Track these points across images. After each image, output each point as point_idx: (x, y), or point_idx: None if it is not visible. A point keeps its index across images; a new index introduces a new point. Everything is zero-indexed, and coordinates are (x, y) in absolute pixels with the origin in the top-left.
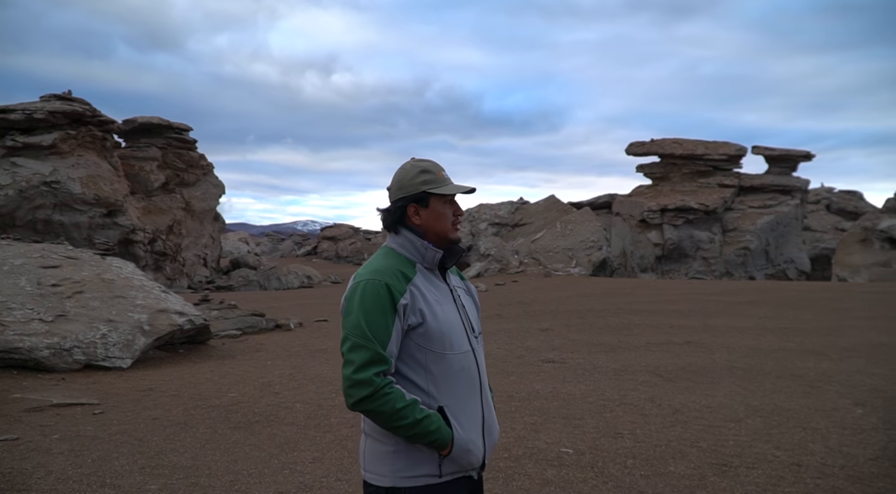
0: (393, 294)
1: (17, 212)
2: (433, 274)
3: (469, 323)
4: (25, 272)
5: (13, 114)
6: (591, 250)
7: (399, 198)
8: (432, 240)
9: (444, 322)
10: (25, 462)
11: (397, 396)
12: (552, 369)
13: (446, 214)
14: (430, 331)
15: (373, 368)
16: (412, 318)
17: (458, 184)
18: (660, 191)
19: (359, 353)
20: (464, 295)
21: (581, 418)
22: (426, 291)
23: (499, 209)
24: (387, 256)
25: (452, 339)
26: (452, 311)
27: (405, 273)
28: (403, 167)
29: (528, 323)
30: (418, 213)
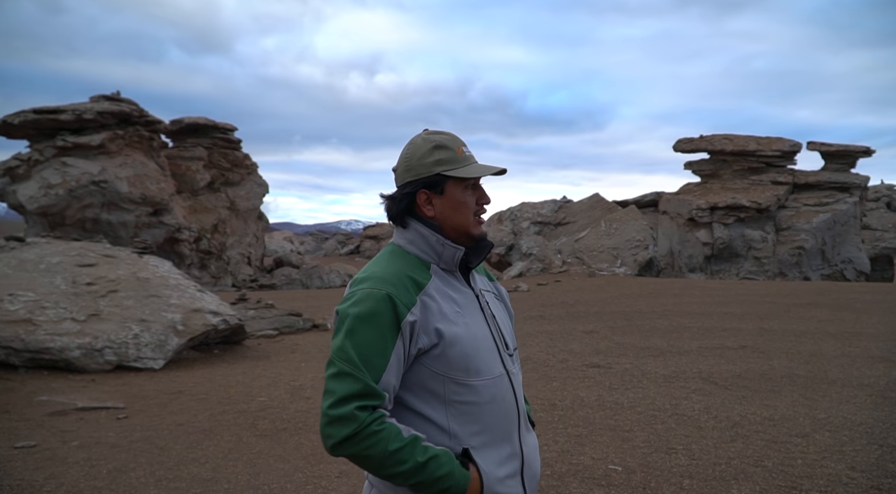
0: (397, 308)
1: (67, 210)
2: (453, 276)
3: (502, 338)
4: (61, 270)
5: (63, 115)
6: (637, 249)
7: (407, 183)
8: (450, 235)
9: (469, 340)
10: (38, 472)
11: (390, 434)
12: (597, 374)
13: (467, 203)
14: (449, 354)
15: (357, 402)
16: (423, 339)
17: (484, 164)
18: (709, 188)
19: (342, 383)
20: (493, 301)
21: (630, 430)
22: (444, 301)
23: (541, 207)
24: (393, 257)
25: (480, 362)
26: (480, 324)
27: (416, 279)
28: (413, 142)
29: (572, 325)
30: (431, 202)
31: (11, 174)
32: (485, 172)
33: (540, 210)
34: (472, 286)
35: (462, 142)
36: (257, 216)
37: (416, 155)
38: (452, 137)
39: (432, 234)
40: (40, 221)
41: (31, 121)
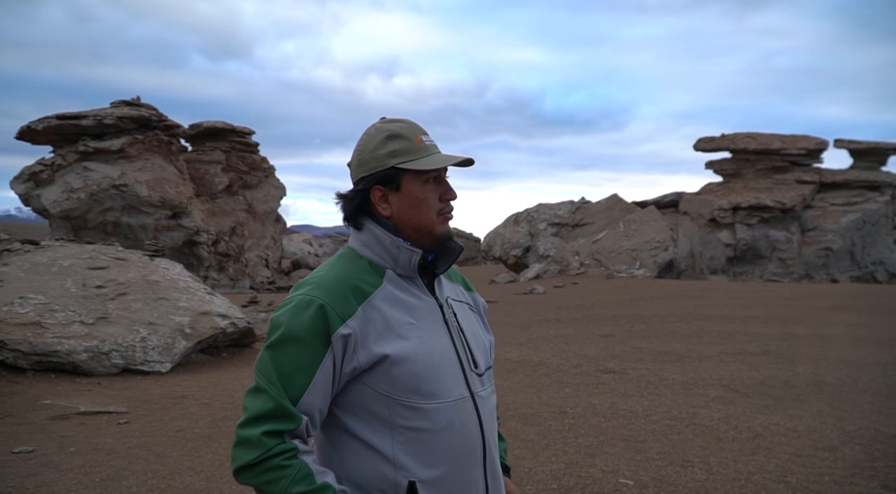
0: (328, 319)
1: (89, 214)
2: (413, 283)
3: (469, 354)
4: (73, 273)
5: (85, 120)
6: (657, 251)
7: (360, 179)
8: (410, 236)
9: (422, 356)
10: (31, 479)
11: (296, 475)
12: (612, 380)
13: (427, 199)
14: (395, 372)
15: (266, 425)
16: (362, 356)
17: (447, 154)
18: (731, 188)
19: (256, 400)
20: (465, 312)
21: (644, 440)
22: (394, 312)
23: (559, 208)
24: (342, 261)
25: (435, 382)
26: (439, 339)
27: (360, 286)
28: (366, 132)
29: (588, 329)
30: (387, 200)
31: (36, 179)
32: (445, 163)
33: (557, 211)
34: (437, 295)
35: (422, 130)
36: (275, 218)
37: (368, 147)
38: (410, 125)
39: (387, 235)
40: (63, 225)
41: (54, 126)
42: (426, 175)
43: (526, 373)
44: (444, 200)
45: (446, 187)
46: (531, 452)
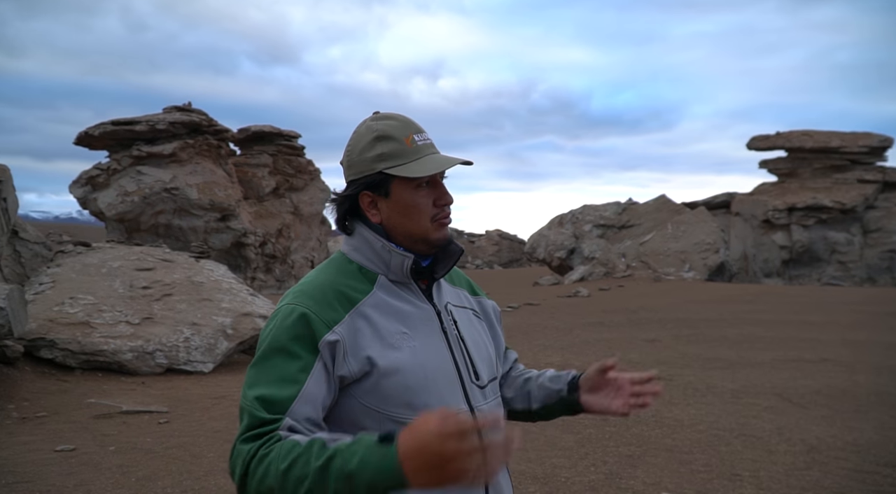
0: (313, 327)
1: (142, 216)
2: (407, 289)
3: (469, 366)
4: (121, 274)
5: (138, 126)
6: (707, 253)
7: (349, 183)
8: (403, 243)
9: (415, 368)
10: (70, 477)
11: (280, 451)
12: None
13: (419, 206)
14: (385, 386)
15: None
16: (351, 365)
17: (443, 155)
18: (787, 188)
19: (243, 418)
20: (468, 319)
21: (689, 451)
22: (384, 320)
23: (604, 210)
24: (330, 266)
25: (429, 395)
26: (436, 349)
27: (347, 293)
28: (356, 130)
29: (633, 333)
30: (376, 206)
31: (93, 183)
32: (436, 169)
33: (603, 212)
34: (435, 302)
35: (415, 127)
36: (320, 221)
37: (356, 148)
38: (402, 123)
39: (377, 239)
40: (118, 227)
41: (109, 132)
42: (417, 180)
43: None
44: (439, 205)
45: (441, 191)
46: (569, 461)
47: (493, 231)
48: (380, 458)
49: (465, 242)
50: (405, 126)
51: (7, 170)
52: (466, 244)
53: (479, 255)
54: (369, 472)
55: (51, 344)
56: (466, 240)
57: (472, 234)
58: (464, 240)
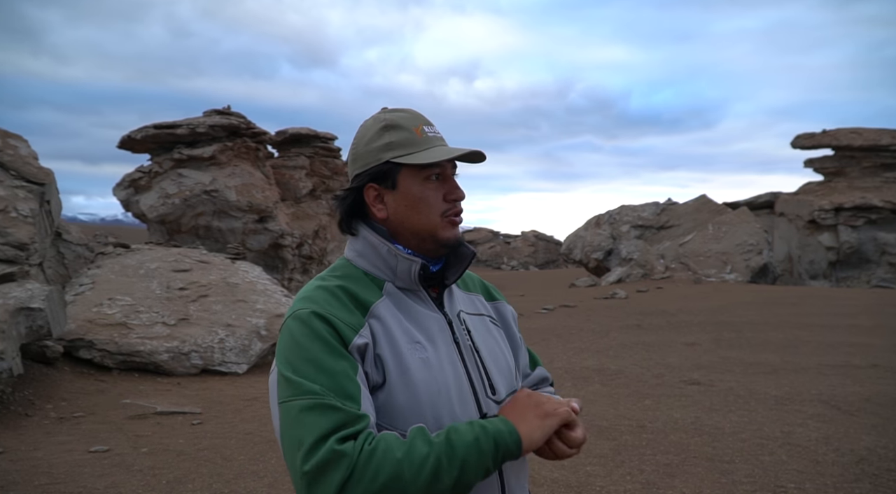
0: (339, 330)
1: (182, 219)
2: (416, 297)
3: (485, 378)
4: (158, 275)
5: (179, 129)
6: (750, 254)
7: (354, 176)
8: (410, 242)
9: (427, 382)
10: (102, 479)
11: (389, 442)
12: (696, 393)
13: (428, 199)
14: (395, 402)
15: (334, 436)
16: (374, 374)
17: (453, 147)
18: (833, 187)
19: (312, 421)
20: (483, 327)
21: (731, 461)
22: (396, 328)
23: (642, 210)
24: (334, 273)
25: (441, 410)
26: (448, 360)
27: (358, 297)
28: (364, 123)
29: (672, 336)
30: (382, 200)
31: (135, 185)
32: (447, 156)
33: (641, 213)
34: (446, 310)
35: (425, 120)
36: None
37: (363, 139)
38: (412, 115)
39: (383, 243)
40: (160, 229)
41: (151, 135)
42: (427, 171)
43: (602, 382)
44: (450, 200)
45: (452, 185)
46: (604, 469)
47: (528, 232)
48: (493, 422)
49: (501, 243)
50: (414, 117)
51: (51, 174)
52: (502, 245)
53: (514, 256)
54: (490, 433)
55: (89, 344)
56: (502, 241)
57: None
58: (499, 240)
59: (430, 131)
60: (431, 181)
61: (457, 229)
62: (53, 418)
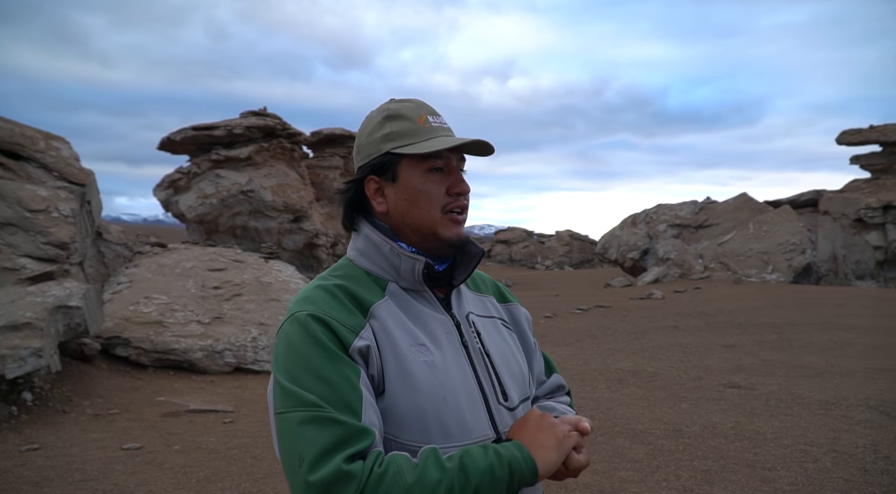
0: (338, 333)
1: (220, 218)
2: (422, 298)
3: (496, 384)
4: (194, 274)
5: (217, 131)
6: (792, 254)
7: (357, 168)
8: (411, 238)
9: (432, 387)
10: (133, 477)
11: (400, 466)
12: (736, 397)
13: (429, 192)
14: (397, 409)
15: (343, 452)
16: (375, 378)
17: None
18: (881, 185)
19: (312, 435)
20: (494, 330)
21: (772, 468)
22: (398, 330)
23: (679, 209)
24: (335, 273)
25: (449, 418)
26: (454, 365)
27: (359, 297)
28: (368, 115)
29: (710, 338)
30: (383, 193)
31: (174, 186)
32: (448, 144)
33: (678, 212)
34: (453, 312)
35: (430, 109)
36: None
37: (365, 130)
38: (416, 104)
39: (385, 241)
40: (198, 228)
41: (190, 137)
42: (428, 162)
43: (638, 385)
44: (452, 194)
45: (456, 178)
46: (639, 474)
47: (563, 231)
48: (508, 448)
49: (535, 243)
50: (419, 107)
51: (91, 175)
52: (536, 244)
53: (548, 256)
54: (505, 460)
55: (125, 342)
56: (536, 241)
57: (541, 235)
58: (533, 240)
59: (435, 121)
60: (433, 173)
61: (459, 227)
62: (89, 415)
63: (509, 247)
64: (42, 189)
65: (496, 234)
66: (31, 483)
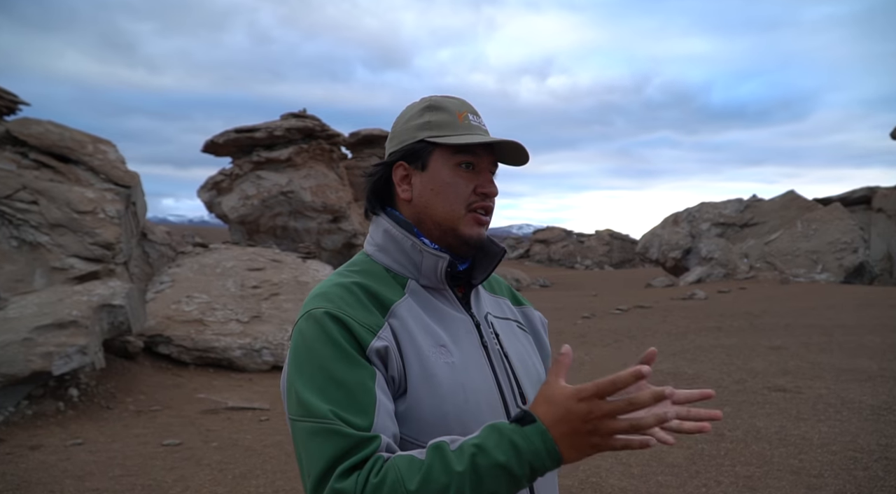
0: (355, 332)
1: (261, 219)
2: (442, 297)
3: (515, 386)
4: (234, 274)
5: (257, 133)
6: (843, 253)
7: (389, 154)
8: (433, 232)
9: (453, 388)
10: (171, 472)
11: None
12: (782, 400)
13: (455, 186)
14: (419, 410)
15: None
16: (398, 380)
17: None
18: None
19: (317, 449)
20: (511, 332)
21: (819, 475)
22: (420, 330)
23: (724, 207)
24: (352, 268)
25: (469, 419)
26: (475, 366)
27: (378, 295)
28: (409, 105)
29: (755, 340)
30: (409, 180)
31: (217, 187)
32: (482, 139)
33: (722, 210)
34: (473, 312)
35: (472, 108)
36: None
37: (403, 118)
38: (459, 101)
39: (407, 237)
40: (240, 229)
41: (232, 139)
42: (459, 156)
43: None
44: (479, 193)
45: (485, 178)
46: (677, 479)
47: (603, 230)
48: (530, 438)
49: (574, 242)
50: (461, 103)
51: (136, 177)
52: (575, 244)
53: (588, 255)
54: (526, 456)
55: (167, 340)
56: (575, 240)
57: (581, 234)
58: (572, 239)
59: (475, 120)
60: (463, 169)
61: (482, 228)
62: (132, 411)
63: (548, 246)
64: (89, 191)
65: (535, 234)
66: (74, 476)
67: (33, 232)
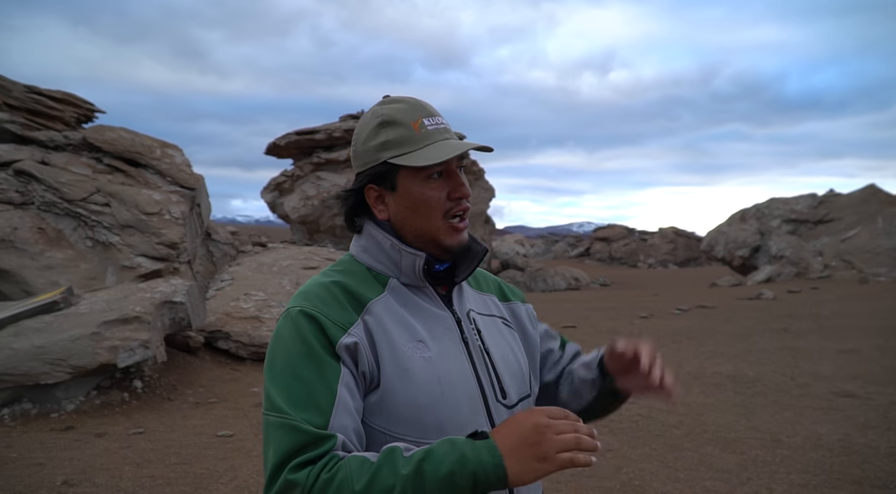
0: (326, 329)
1: (321, 219)
2: (422, 294)
3: (495, 381)
4: (289, 272)
5: (317, 135)
6: None
7: (356, 174)
8: (414, 243)
9: (428, 382)
10: (223, 462)
11: (350, 470)
12: (848, 406)
13: (429, 199)
14: (393, 404)
15: (293, 460)
16: (370, 374)
17: (459, 141)
18: None
19: (277, 440)
20: (494, 328)
21: (884, 486)
22: (395, 327)
23: (795, 203)
24: (336, 268)
25: (445, 414)
26: (453, 360)
27: (356, 293)
28: (363, 118)
29: (824, 342)
30: (383, 201)
31: (280, 189)
32: (444, 156)
33: (794, 206)
34: (454, 308)
35: (426, 110)
36: (484, 220)
37: (360, 137)
38: (410, 106)
39: (387, 238)
40: (301, 229)
41: (293, 142)
42: (427, 170)
43: (736, 391)
44: (454, 198)
45: (456, 182)
46: (727, 485)
47: (667, 228)
48: (478, 450)
49: (637, 240)
50: (413, 109)
51: (201, 179)
52: (638, 242)
53: (651, 254)
54: (471, 466)
55: (226, 336)
56: (638, 238)
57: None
58: (635, 237)
59: (431, 123)
60: (433, 179)
61: (461, 234)
62: (191, 403)
63: (609, 244)
64: (156, 193)
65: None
66: (134, 463)
67: (106, 232)
